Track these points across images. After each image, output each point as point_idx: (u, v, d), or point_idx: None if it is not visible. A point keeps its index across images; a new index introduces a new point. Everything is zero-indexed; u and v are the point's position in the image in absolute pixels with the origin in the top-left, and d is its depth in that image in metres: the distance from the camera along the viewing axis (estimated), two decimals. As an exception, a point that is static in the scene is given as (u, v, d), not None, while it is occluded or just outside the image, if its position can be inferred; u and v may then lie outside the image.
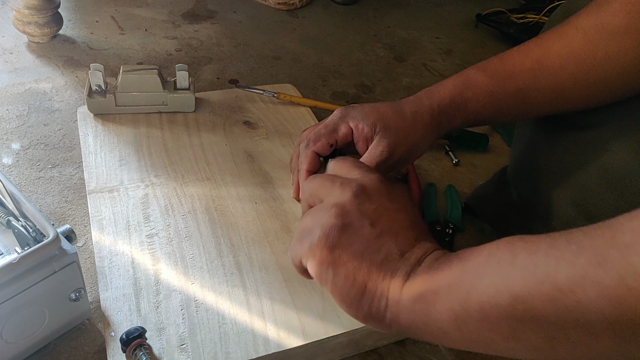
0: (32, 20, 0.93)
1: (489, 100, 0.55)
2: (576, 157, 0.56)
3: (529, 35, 1.16)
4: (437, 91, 0.56)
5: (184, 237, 0.58)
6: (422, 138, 0.56)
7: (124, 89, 0.73)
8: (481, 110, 0.56)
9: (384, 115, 0.55)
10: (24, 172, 0.71)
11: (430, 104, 0.56)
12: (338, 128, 0.56)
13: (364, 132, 0.55)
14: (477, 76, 0.56)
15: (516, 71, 0.54)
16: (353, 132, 0.56)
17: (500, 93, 0.54)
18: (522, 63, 0.54)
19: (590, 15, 0.50)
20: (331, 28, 1.20)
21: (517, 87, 0.54)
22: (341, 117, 0.56)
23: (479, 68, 0.56)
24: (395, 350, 0.57)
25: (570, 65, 0.51)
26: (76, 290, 0.49)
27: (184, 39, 1.07)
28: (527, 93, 0.54)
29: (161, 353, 0.47)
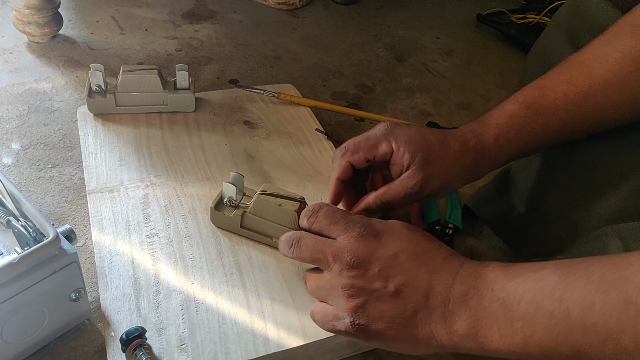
0: (32, 20, 0.93)
1: (530, 137, 0.52)
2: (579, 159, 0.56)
3: (529, 35, 1.16)
4: (482, 132, 0.53)
5: (184, 237, 0.58)
6: (458, 179, 0.53)
7: (124, 89, 0.73)
8: (522, 148, 0.53)
9: (429, 145, 0.52)
10: (24, 172, 0.71)
11: (475, 146, 0.53)
12: (379, 144, 0.53)
13: (403, 157, 0.52)
14: (519, 111, 0.52)
15: (560, 106, 0.51)
16: (393, 153, 0.52)
17: (542, 130, 0.52)
18: (566, 95, 0.51)
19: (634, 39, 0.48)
20: (331, 28, 1.20)
21: (562, 122, 0.51)
22: (385, 135, 0.53)
23: (520, 103, 0.53)
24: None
25: (615, 92, 0.49)
26: (76, 290, 0.49)
27: (184, 39, 1.07)
28: (571, 125, 0.52)
29: (161, 353, 0.47)
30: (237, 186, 0.58)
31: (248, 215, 0.57)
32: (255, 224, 0.58)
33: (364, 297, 0.42)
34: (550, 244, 0.59)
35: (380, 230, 0.44)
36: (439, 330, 0.40)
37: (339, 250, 0.44)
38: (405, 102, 0.99)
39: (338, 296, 0.43)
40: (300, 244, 0.47)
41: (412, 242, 0.43)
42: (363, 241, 0.43)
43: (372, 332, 0.42)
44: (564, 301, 0.34)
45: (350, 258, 0.43)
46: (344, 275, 0.43)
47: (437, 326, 0.40)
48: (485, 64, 1.15)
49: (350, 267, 0.42)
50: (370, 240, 0.43)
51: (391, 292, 0.42)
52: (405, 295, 0.41)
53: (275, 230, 0.56)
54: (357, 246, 0.43)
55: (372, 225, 0.45)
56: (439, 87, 1.05)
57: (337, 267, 0.43)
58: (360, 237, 0.44)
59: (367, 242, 0.43)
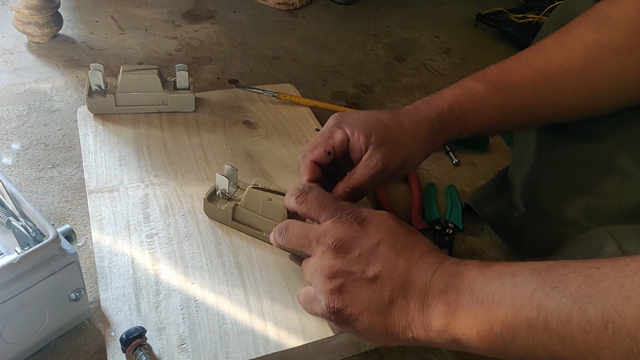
0: (32, 20, 0.93)
1: (489, 113, 0.54)
2: (577, 158, 0.56)
3: (528, 34, 1.16)
4: (436, 101, 0.55)
5: (184, 236, 0.58)
6: (418, 150, 0.54)
7: (124, 89, 0.73)
8: (480, 121, 0.54)
9: (381, 124, 0.53)
10: (24, 172, 0.71)
11: (429, 115, 0.54)
12: (333, 134, 0.53)
13: (359, 140, 0.52)
14: (478, 87, 0.54)
15: (517, 83, 0.53)
16: (349, 139, 0.53)
17: (501, 106, 0.53)
18: (523, 74, 0.52)
19: (593, 31, 0.50)
20: (331, 28, 1.20)
21: (520, 101, 0.53)
22: (336, 124, 0.54)
23: (479, 79, 0.55)
24: (396, 350, 0.56)
25: (573, 79, 0.50)
26: (76, 290, 0.49)
27: (184, 39, 1.07)
28: (529, 106, 0.53)
29: (161, 353, 0.47)
30: (231, 179, 0.59)
31: (239, 209, 0.58)
32: (246, 217, 0.58)
33: (342, 279, 0.43)
34: (547, 243, 0.59)
35: (366, 218, 0.45)
36: (416, 322, 0.41)
37: (322, 233, 0.45)
38: (405, 101, 0.99)
39: (318, 277, 0.44)
40: (287, 231, 0.48)
41: (394, 234, 0.44)
42: (347, 226, 0.44)
43: (347, 316, 0.43)
44: (541, 311, 0.34)
45: (332, 241, 0.44)
46: (325, 257, 0.44)
47: (414, 317, 0.41)
48: (484, 63, 1.14)
49: (331, 250, 0.44)
50: (354, 226, 0.44)
51: (369, 277, 0.42)
52: (383, 282, 0.42)
53: (265, 224, 0.57)
54: (341, 230, 0.44)
55: (359, 212, 0.46)
56: (438, 86, 1.04)
57: (320, 249, 0.44)
58: (345, 223, 0.45)
59: (351, 227, 0.44)
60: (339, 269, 0.43)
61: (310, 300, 0.46)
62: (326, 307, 0.43)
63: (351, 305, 0.42)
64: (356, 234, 0.44)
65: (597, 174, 0.53)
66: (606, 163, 0.52)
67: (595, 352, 0.31)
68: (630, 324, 0.29)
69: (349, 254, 0.43)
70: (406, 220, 0.72)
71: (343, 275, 0.43)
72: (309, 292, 0.47)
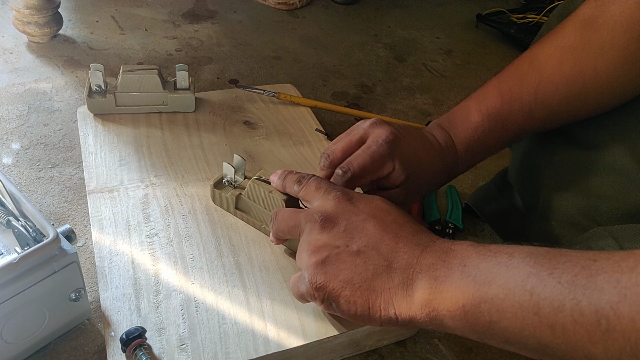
0: (32, 20, 0.93)
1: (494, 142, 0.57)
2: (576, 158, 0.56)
3: (529, 35, 1.16)
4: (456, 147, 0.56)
5: (184, 237, 0.58)
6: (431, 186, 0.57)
7: (124, 89, 0.73)
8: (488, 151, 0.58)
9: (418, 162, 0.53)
10: (24, 172, 0.71)
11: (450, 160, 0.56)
12: (384, 166, 0.51)
13: (397, 178, 0.52)
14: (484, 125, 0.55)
15: (516, 110, 0.54)
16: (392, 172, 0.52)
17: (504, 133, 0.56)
18: (520, 97, 0.53)
19: (577, 35, 0.50)
20: (331, 28, 1.20)
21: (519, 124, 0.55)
22: (390, 154, 0.51)
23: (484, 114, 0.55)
24: (396, 351, 0.56)
25: (564, 89, 0.51)
26: (76, 290, 0.49)
27: (184, 39, 1.07)
28: (526, 125, 0.55)
29: (161, 353, 0.47)
30: (238, 169, 0.61)
31: (242, 198, 0.59)
32: (248, 208, 0.59)
33: (326, 252, 0.42)
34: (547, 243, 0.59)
35: (355, 196, 0.45)
36: (399, 296, 0.40)
37: (311, 212, 0.45)
38: (405, 101, 0.99)
39: (303, 252, 0.44)
40: (277, 217, 0.49)
41: (383, 212, 0.44)
42: (335, 202, 0.45)
43: (329, 292, 0.42)
44: (534, 295, 0.33)
45: (319, 216, 0.44)
46: (312, 233, 0.44)
47: (397, 291, 0.40)
48: (485, 64, 1.15)
49: (318, 224, 0.43)
50: (343, 202, 0.44)
51: (353, 251, 0.42)
52: (367, 256, 0.41)
53: (264, 216, 0.58)
54: (328, 206, 0.45)
55: (349, 192, 0.46)
56: (439, 87, 1.05)
57: (307, 226, 0.44)
58: (334, 199, 0.45)
59: (338, 203, 0.44)
60: (323, 242, 0.43)
61: (296, 281, 0.46)
62: (309, 283, 0.43)
63: (333, 279, 0.42)
64: (344, 210, 0.44)
65: (597, 174, 0.53)
66: (606, 163, 0.52)
67: (585, 345, 0.31)
68: (625, 323, 0.29)
69: (334, 227, 0.43)
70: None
71: (327, 248, 0.42)
72: (296, 275, 0.47)
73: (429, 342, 0.58)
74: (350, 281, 0.41)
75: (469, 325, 0.37)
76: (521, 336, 0.34)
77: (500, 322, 0.35)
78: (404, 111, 0.96)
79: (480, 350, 0.58)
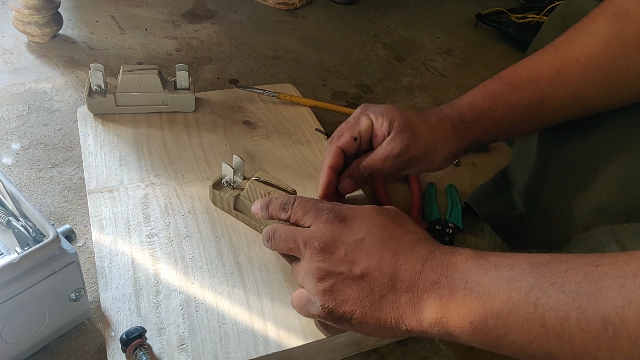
0: (32, 20, 0.93)
1: (507, 109, 0.55)
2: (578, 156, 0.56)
3: (528, 34, 1.16)
4: (457, 103, 0.57)
5: (184, 237, 0.58)
6: (440, 143, 0.55)
7: (124, 89, 0.73)
8: (500, 119, 0.55)
9: (404, 114, 0.55)
10: (24, 172, 0.71)
11: (451, 113, 0.56)
12: (359, 121, 0.56)
13: (382, 126, 0.55)
14: (494, 85, 0.56)
15: (533, 79, 0.53)
16: (373, 125, 0.56)
17: (518, 102, 0.54)
18: (539, 71, 0.53)
19: (609, 25, 0.50)
20: (331, 28, 1.20)
21: (536, 96, 0.53)
22: (362, 111, 0.57)
23: (495, 78, 0.56)
24: (397, 350, 0.56)
25: (590, 74, 0.51)
26: (76, 290, 0.49)
27: (184, 39, 1.07)
28: (545, 101, 0.53)
29: (161, 353, 0.47)
30: (237, 170, 0.61)
31: (240, 199, 0.59)
32: (246, 208, 0.59)
33: (332, 280, 0.43)
34: (547, 242, 0.59)
35: (348, 215, 0.46)
36: (408, 315, 0.41)
37: (308, 236, 0.46)
38: (405, 101, 0.99)
39: (309, 280, 0.45)
40: (275, 236, 0.49)
41: (379, 227, 0.44)
42: (329, 226, 0.45)
43: (341, 314, 0.43)
44: (539, 307, 0.33)
45: (318, 243, 0.45)
46: (313, 260, 0.45)
47: (405, 311, 0.41)
48: (484, 63, 1.15)
49: (318, 252, 0.44)
50: (336, 225, 0.45)
51: (357, 275, 0.43)
52: (371, 278, 0.42)
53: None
54: (324, 231, 0.45)
55: (341, 210, 0.46)
56: (438, 86, 1.05)
57: (307, 253, 0.45)
58: (328, 222, 0.45)
59: (333, 226, 0.45)
60: (327, 270, 0.44)
61: (305, 304, 0.47)
62: (321, 308, 0.44)
63: (343, 304, 0.43)
64: (340, 232, 0.44)
65: (600, 172, 0.53)
66: (609, 161, 0.52)
67: (593, 352, 0.31)
68: (631, 327, 0.29)
69: (335, 253, 0.44)
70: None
71: (332, 275, 0.44)
72: (302, 296, 0.47)
73: (430, 342, 0.58)
74: (359, 304, 0.43)
75: (478, 340, 0.37)
76: (529, 348, 0.34)
77: (508, 336, 0.35)
78: (404, 111, 0.96)
79: (480, 350, 0.58)
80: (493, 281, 0.36)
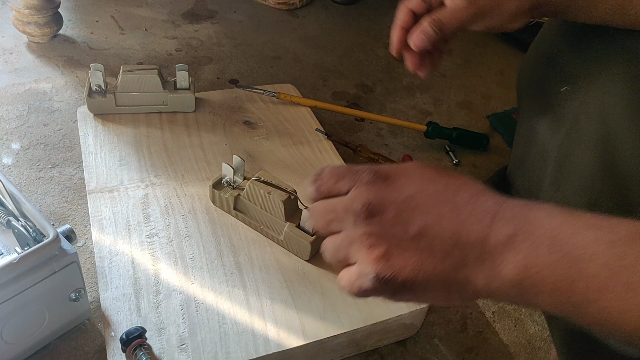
0: (32, 20, 0.93)
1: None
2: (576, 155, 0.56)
3: (529, 34, 1.16)
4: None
5: (184, 237, 0.58)
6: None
7: (124, 89, 0.73)
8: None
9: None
10: (24, 172, 0.71)
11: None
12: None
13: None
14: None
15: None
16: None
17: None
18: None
19: None
20: (331, 28, 1.20)
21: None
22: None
23: None
24: (397, 350, 0.56)
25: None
26: (76, 290, 0.49)
27: (184, 39, 1.07)
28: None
29: (161, 353, 0.47)
30: (237, 170, 0.61)
31: (241, 199, 0.60)
32: (247, 209, 0.60)
33: (385, 244, 0.38)
34: None
35: (390, 173, 0.40)
36: (477, 274, 0.36)
37: (349, 202, 0.40)
38: (406, 101, 0.99)
39: (358, 250, 0.39)
40: (312, 214, 0.43)
41: (429, 181, 0.39)
42: (372, 187, 0.40)
43: (401, 283, 0.38)
44: None
45: (361, 206, 0.39)
46: (359, 226, 0.39)
47: (473, 270, 0.36)
48: (485, 63, 1.15)
49: (364, 216, 0.39)
50: (380, 185, 0.40)
51: (413, 236, 0.38)
52: (431, 237, 0.37)
53: (263, 217, 0.58)
54: (367, 193, 0.40)
55: (381, 169, 0.41)
56: (439, 86, 1.05)
57: (350, 219, 0.40)
58: (369, 184, 0.40)
59: (376, 187, 0.40)
60: (378, 234, 0.38)
61: (356, 279, 0.40)
62: (376, 279, 0.38)
63: (403, 269, 0.38)
64: (385, 192, 0.39)
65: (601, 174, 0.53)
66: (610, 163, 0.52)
67: None
68: None
69: (384, 215, 0.38)
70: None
71: (385, 239, 0.38)
72: (351, 272, 0.40)
73: (429, 342, 0.58)
74: (420, 268, 0.37)
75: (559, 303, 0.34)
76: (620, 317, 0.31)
77: (598, 302, 0.32)
78: (403, 111, 0.96)
79: (480, 350, 0.58)
80: (590, 242, 0.33)
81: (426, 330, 0.59)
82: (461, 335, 0.59)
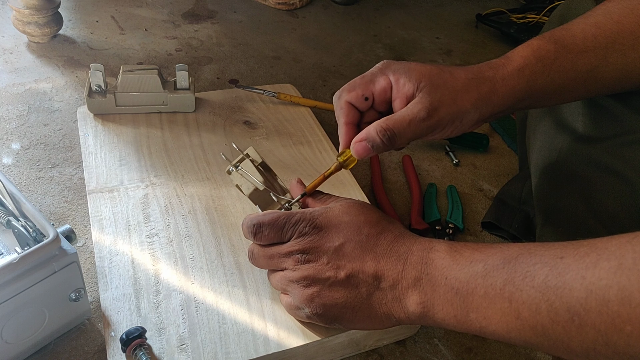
0: (32, 20, 0.93)
1: (558, 76, 0.49)
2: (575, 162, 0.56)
3: (529, 35, 1.16)
4: (502, 64, 0.49)
5: (184, 237, 0.58)
6: (473, 107, 0.48)
7: (124, 89, 0.73)
8: (547, 86, 0.49)
9: (432, 72, 0.48)
10: (24, 172, 0.71)
11: (493, 75, 0.48)
12: (375, 79, 0.49)
13: (404, 88, 0.48)
14: (549, 47, 0.49)
15: (590, 47, 0.49)
16: (392, 88, 0.49)
17: (571, 69, 0.49)
18: (595, 37, 0.49)
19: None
20: (331, 28, 1.20)
21: (589, 65, 0.49)
22: (381, 70, 0.49)
23: (548, 39, 0.50)
24: (396, 350, 0.56)
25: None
26: (76, 290, 0.49)
27: (184, 39, 1.07)
28: (597, 71, 0.49)
29: (161, 353, 0.47)
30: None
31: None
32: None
33: (318, 286, 0.45)
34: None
35: (322, 224, 0.47)
36: (396, 309, 0.44)
37: (288, 250, 0.47)
38: (405, 102, 0.99)
39: (295, 289, 0.47)
40: (254, 256, 0.50)
41: (354, 231, 0.46)
42: (308, 237, 0.46)
43: (331, 317, 0.46)
44: (513, 302, 0.35)
45: (300, 255, 0.46)
46: (297, 270, 0.46)
47: (393, 306, 0.44)
48: (485, 64, 1.15)
49: (301, 263, 0.46)
50: (314, 236, 0.46)
51: (342, 279, 0.45)
52: (357, 280, 0.45)
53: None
54: (304, 243, 0.46)
55: (314, 220, 0.47)
56: (438, 87, 1.05)
57: (290, 264, 0.47)
58: (306, 235, 0.46)
59: (311, 237, 0.46)
60: (313, 277, 0.45)
61: (294, 309, 0.49)
62: (311, 313, 0.46)
63: (333, 307, 0.45)
64: (319, 242, 0.46)
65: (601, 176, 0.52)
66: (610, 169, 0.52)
67: (565, 341, 0.33)
68: (594, 317, 0.31)
69: (318, 262, 0.46)
70: (407, 221, 0.72)
71: (318, 282, 0.45)
72: (289, 303, 0.49)
73: (429, 342, 0.58)
74: (348, 305, 0.45)
75: (462, 330, 0.40)
76: (509, 337, 0.37)
77: (489, 327, 0.38)
78: (403, 111, 0.96)
79: (479, 350, 0.58)
80: (470, 277, 0.39)
81: (426, 330, 0.59)
82: (461, 335, 0.59)
